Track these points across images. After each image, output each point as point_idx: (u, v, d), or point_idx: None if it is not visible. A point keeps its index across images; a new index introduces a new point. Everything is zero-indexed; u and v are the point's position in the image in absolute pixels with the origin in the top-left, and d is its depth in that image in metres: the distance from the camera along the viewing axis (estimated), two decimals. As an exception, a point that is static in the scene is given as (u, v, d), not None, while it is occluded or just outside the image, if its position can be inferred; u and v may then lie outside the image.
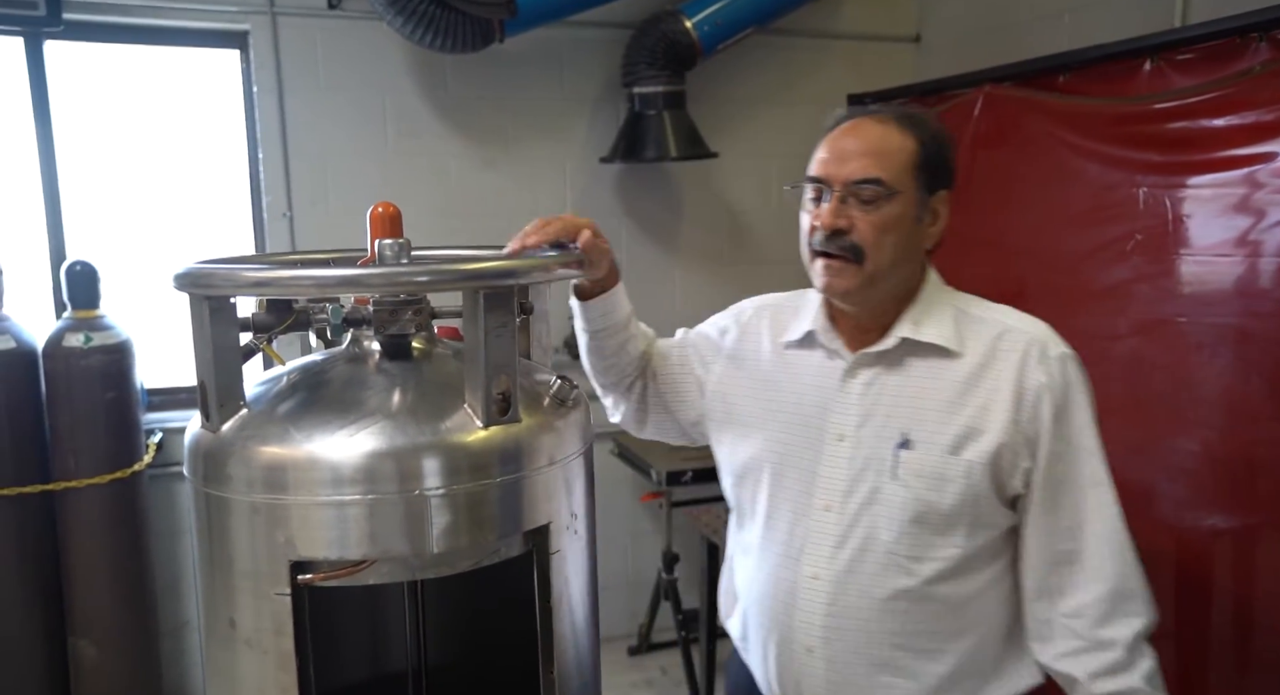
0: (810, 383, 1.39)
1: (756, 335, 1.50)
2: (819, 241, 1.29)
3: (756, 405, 1.45)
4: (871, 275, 1.28)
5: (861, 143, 1.29)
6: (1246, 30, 2.23)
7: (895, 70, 3.93)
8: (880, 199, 1.26)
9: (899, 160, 1.28)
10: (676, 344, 1.59)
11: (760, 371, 1.46)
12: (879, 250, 1.27)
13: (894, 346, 1.32)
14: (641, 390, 1.56)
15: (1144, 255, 2.48)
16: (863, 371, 1.34)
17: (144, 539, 3.13)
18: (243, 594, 1.08)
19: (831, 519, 1.32)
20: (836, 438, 1.34)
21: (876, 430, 1.31)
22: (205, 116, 3.40)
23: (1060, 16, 3.22)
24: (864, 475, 1.31)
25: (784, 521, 1.38)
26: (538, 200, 3.63)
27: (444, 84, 3.47)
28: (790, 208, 4.38)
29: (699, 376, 1.53)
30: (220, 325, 1.07)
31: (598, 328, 1.44)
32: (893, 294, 1.34)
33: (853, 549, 1.31)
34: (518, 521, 1.12)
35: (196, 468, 1.12)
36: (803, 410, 1.38)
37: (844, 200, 1.27)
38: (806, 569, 1.34)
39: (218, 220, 3.45)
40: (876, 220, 1.27)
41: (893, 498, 1.29)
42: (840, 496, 1.32)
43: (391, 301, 1.14)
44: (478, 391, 1.08)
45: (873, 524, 1.30)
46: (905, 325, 1.32)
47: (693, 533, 3.72)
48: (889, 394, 1.32)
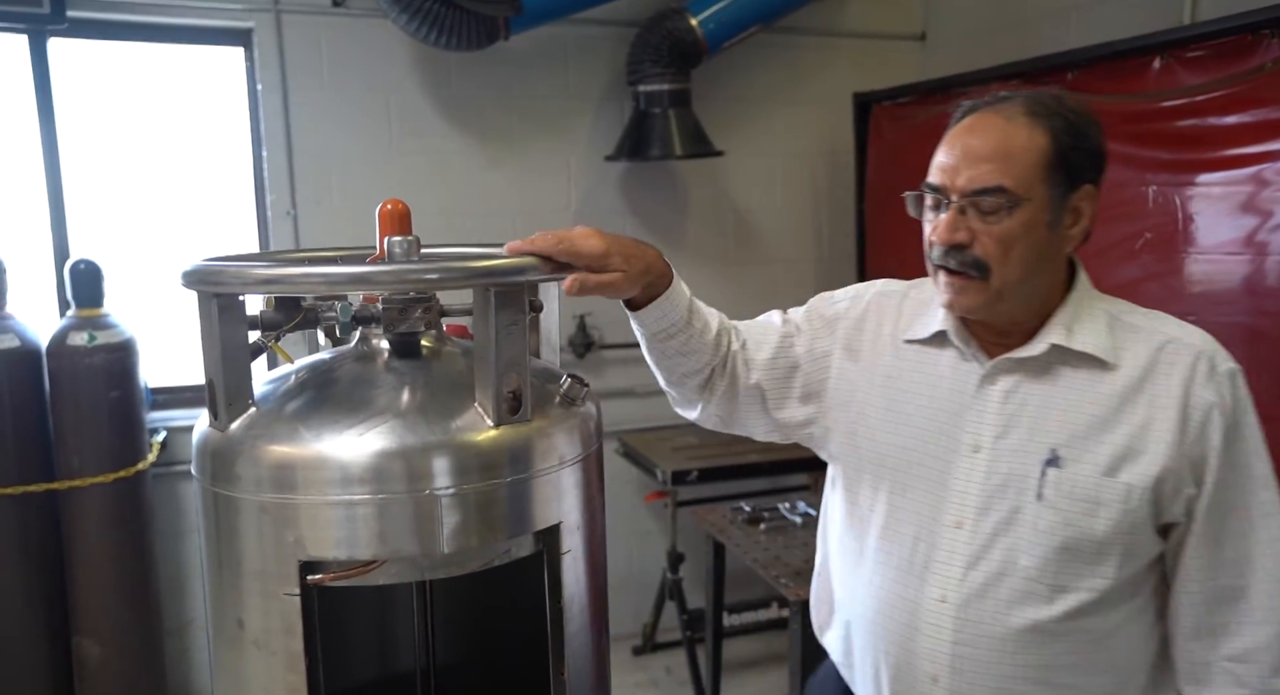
0: (941, 386, 1.27)
1: (876, 326, 1.36)
2: (937, 256, 1.19)
3: (877, 404, 1.32)
4: (999, 291, 1.17)
5: (982, 144, 1.16)
6: (1258, 27, 2.22)
7: (901, 68, 3.92)
8: (1003, 209, 1.14)
9: (1026, 162, 1.14)
10: (775, 334, 1.40)
11: (881, 367, 1.33)
12: (1005, 264, 1.16)
13: (1042, 353, 1.20)
14: (728, 386, 1.37)
15: (1153, 254, 2.47)
16: (1002, 378, 1.23)
17: (148, 538, 3.12)
18: (251, 594, 1.07)
19: (963, 537, 1.21)
20: (971, 448, 1.22)
21: (1019, 444, 1.20)
22: (209, 114, 3.40)
23: (1067, 14, 3.20)
24: (1003, 492, 1.20)
25: (906, 534, 1.27)
26: (541, 199, 3.62)
27: (448, 82, 3.46)
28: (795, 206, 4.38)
29: (806, 372, 1.37)
30: (229, 323, 1.06)
31: (654, 331, 1.29)
32: (1030, 301, 1.22)
33: (987, 572, 1.20)
34: (528, 521, 1.11)
35: (204, 467, 1.11)
36: (932, 415, 1.26)
37: (963, 211, 1.16)
38: (933, 589, 1.23)
39: (221, 218, 3.44)
40: (1000, 232, 1.15)
41: (1037, 520, 1.17)
42: (974, 513, 1.21)
43: (401, 299, 1.13)
44: (488, 390, 1.07)
45: (1012, 546, 1.19)
46: (1056, 331, 1.20)
47: (697, 532, 3.72)
48: (1034, 405, 1.20)
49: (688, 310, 1.29)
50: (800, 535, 2.55)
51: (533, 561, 1.16)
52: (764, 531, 2.57)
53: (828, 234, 4.00)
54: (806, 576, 2.24)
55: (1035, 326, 1.22)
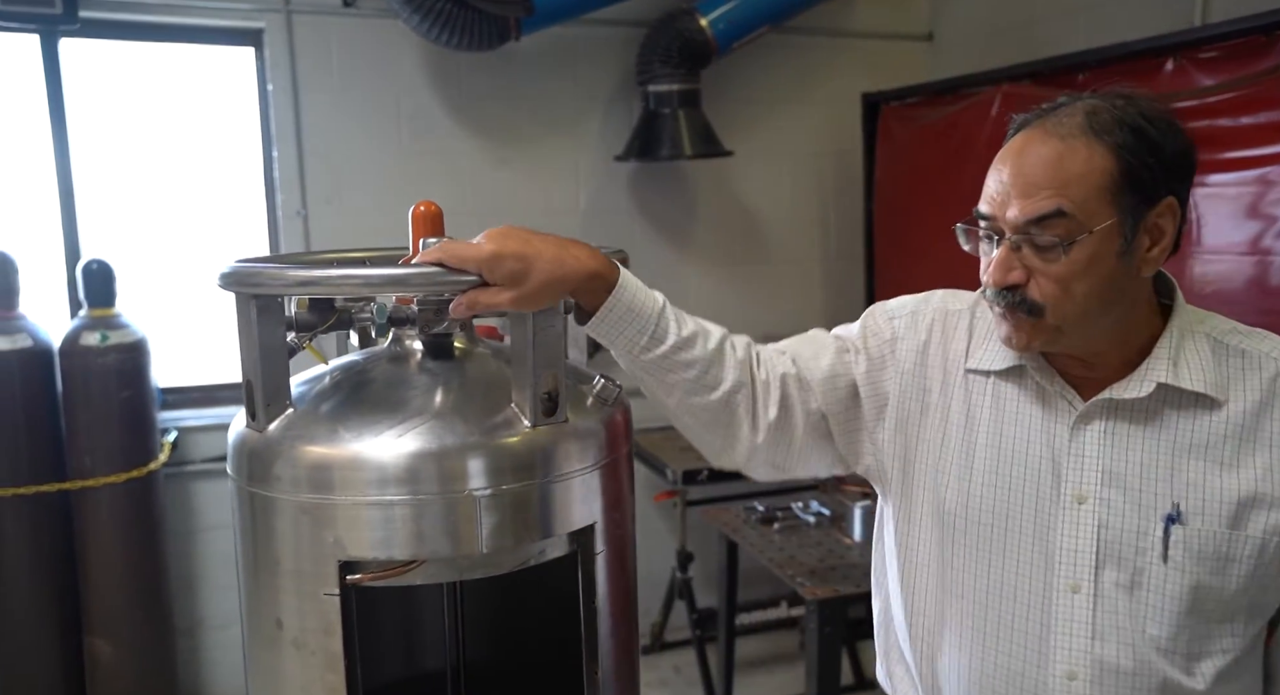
0: (1028, 425, 1.12)
1: (942, 350, 1.21)
2: (990, 296, 1.07)
3: (955, 446, 1.16)
4: (1058, 328, 1.04)
5: (1035, 168, 1.01)
6: (1272, 28, 2.22)
7: (908, 69, 3.94)
8: (1060, 246, 1.00)
9: (1087, 186, 0.99)
10: (829, 350, 1.23)
11: (954, 401, 1.18)
12: (1063, 303, 1.02)
13: (1148, 395, 1.06)
14: (779, 418, 1.19)
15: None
16: (1098, 419, 1.08)
17: (159, 538, 3.13)
18: (289, 594, 1.07)
19: (1082, 603, 1.07)
20: (1075, 500, 1.08)
21: (1130, 495, 1.06)
22: (219, 114, 3.40)
23: (1075, 14, 3.22)
24: (1121, 551, 1.06)
25: (1011, 599, 1.12)
26: (550, 199, 3.63)
27: (458, 82, 3.47)
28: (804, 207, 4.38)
29: (867, 397, 1.22)
30: (268, 324, 1.06)
31: (618, 348, 1.12)
32: (1107, 335, 1.08)
33: (1116, 643, 1.07)
34: (563, 522, 1.12)
35: (241, 467, 1.11)
36: (1024, 460, 1.12)
37: (1017, 247, 1.03)
38: (1059, 666, 1.08)
39: (231, 219, 3.45)
40: (1060, 271, 1.01)
41: (1165, 584, 1.05)
42: (1090, 573, 1.07)
43: (436, 300, 1.14)
44: (525, 391, 1.07)
45: (1136, 612, 1.06)
46: (1160, 366, 1.05)
47: (706, 532, 3.73)
48: (1139, 449, 1.06)
49: (655, 315, 1.10)
50: (814, 535, 2.56)
51: (562, 563, 1.17)
52: (778, 531, 2.58)
53: (836, 234, 4.01)
54: (822, 575, 2.25)
55: (1127, 357, 1.08)
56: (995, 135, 3.13)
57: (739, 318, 4.07)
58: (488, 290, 1.01)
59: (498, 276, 1.00)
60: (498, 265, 1.00)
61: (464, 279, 1.01)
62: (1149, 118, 1.02)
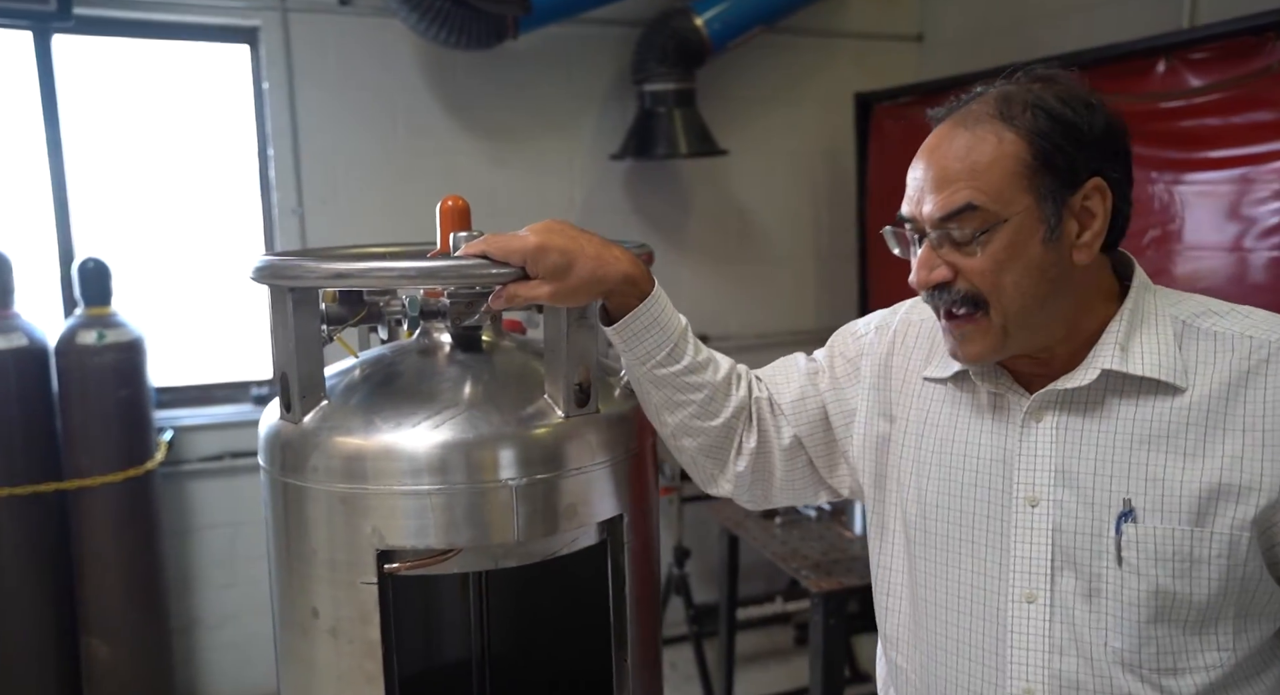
0: (979, 427, 1.08)
1: (904, 361, 1.18)
2: (925, 299, 1.05)
3: (910, 454, 1.14)
4: (1004, 328, 0.99)
5: (945, 162, 0.99)
6: (1261, 29, 2.27)
7: (899, 69, 3.98)
8: (976, 238, 0.97)
9: (999, 172, 0.96)
10: (799, 373, 1.24)
11: (913, 410, 1.15)
12: (999, 294, 0.98)
13: (1093, 382, 0.99)
14: (758, 447, 1.21)
15: (1160, 251, 2.52)
16: (1048, 414, 1.03)
17: (155, 537, 3.12)
18: (326, 583, 1.09)
19: (1038, 614, 1.01)
20: (1028, 502, 1.02)
21: (1082, 494, 0.99)
22: (214, 112, 3.39)
23: (1066, 16, 3.26)
24: (1075, 555, 0.99)
25: (967, 612, 1.06)
26: (546, 197, 3.64)
27: (454, 81, 3.47)
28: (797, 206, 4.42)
29: (834, 416, 1.22)
30: (303, 317, 1.08)
31: (632, 354, 1.13)
32: (1051, 328, 1.01)
33: (1075, 656, 0.99)
34: (595, 511, 1.14)
35: (275, 458, 1.12)
36: (974, 464, 1.07)
37: (938, 245, 1.00)
38: (1016, 682, 1.01)
39: (226, 217, 3.43)
40: (982, 265, 0.97)
41: (1121, 589, 0.97)
42: (1045, 581, 1.01)
43: (467, 294, 1.16)
44: (559, 382, 1.10)
45: (1097, 623, 0.98)
46: (1107, 352, 0.99)
47: (704, 527, 3.75)
48: (1092, 444, 1.00)
49: (677, 335, 1.14)
50: (815, 529, 2.59)
51: (589, 553, 1.19)
52: (779, 525, 2.61)
53: (829, 232, 4.05)
54: (826, 568, 2.28)
55: (1078, 344, 1.02)
56: (989, 134, 3.18)
57: (734, 316, 4.12)
58: (528, 283, 1.03)
59: (540, 270, 1.02)
60: (542, 258, 1.02)
61: (506, 271, 1.02)
62: (1064, 99, 0.98)
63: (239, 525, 3.37)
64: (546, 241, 1.02)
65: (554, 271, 1.03)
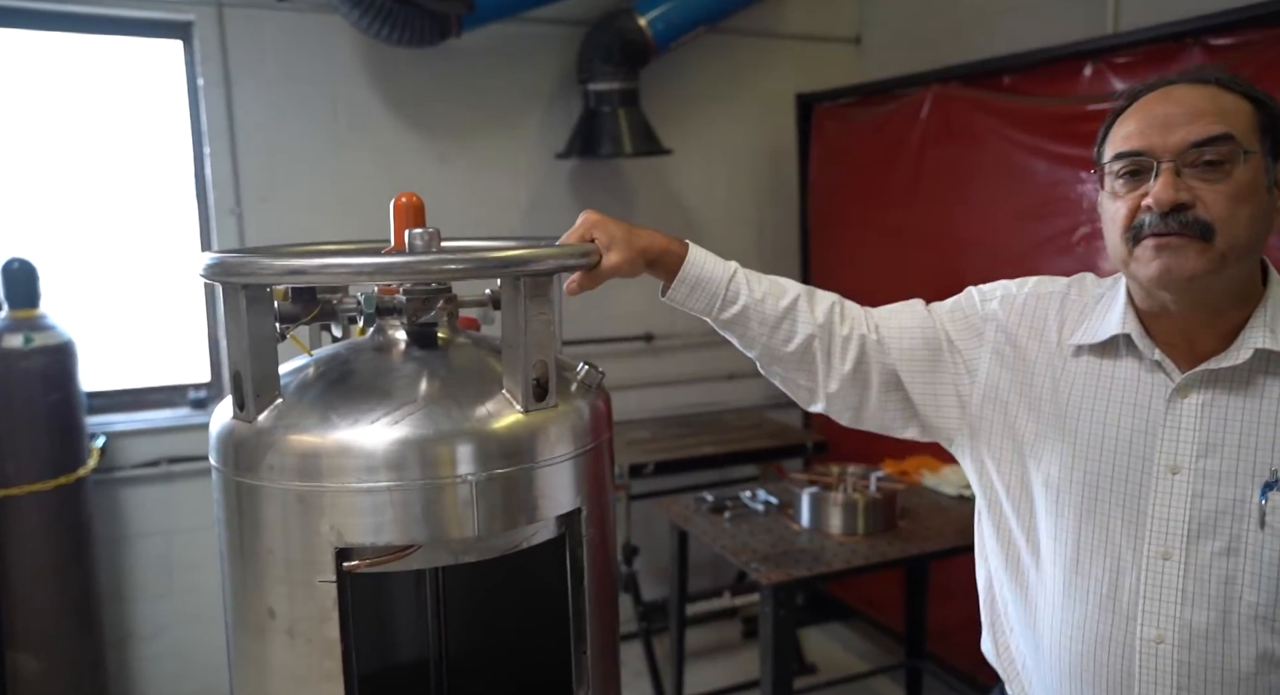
0: (1123, 399, 1.15)
1: (1033, 330, 1.24)
2: (1152, 221, 1.06)
3: (1042, 418, 1.21)
4: (1224, 255, 1.04)
5: (1188, 104, 1.06)
6: (1181, 35, 2.38)
7: (838, 70, 4.06)
8: (1229, 162, 1.03)
9: (1242, 117, 1.05)
10: (916, 316, 1.31)
11: (1046, 378, 1.22)
12: (1232, 225, 1.03)
13: (1245, 362, 1.08)
14: (855, 368, 1.29)
15: (1089, 248, 2.62)
16: (1196, 391, 1.11)
17: (88, 547, 3.02)
18: (283, 583, 1.07)
19: (1172, 569, 1.10)
20: (1169, 469, 1.11)
21: (1228, 465, 1.08)
22: (147, 109, 3.29)
23: (995, 19, 3.37)
24: (1218, 519, 1.09)
25: (1102, 568, 1.15)
26: (492, 195, 3.62)
27: (397, 78, 3.44)
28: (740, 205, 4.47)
29: (953, 371, 1.28)
30: (257, 314, 1.06)
31: (694, 309, 1.28)
32: (1232, 288, 1.09)
33: (1207, 608, 1.09)
34: (554, 505, 1.14)
35: (228, 457, 1.10)
36: (1115, 432, 1.15)
37: (1178, 173, 1.05)
38: (1146, 630, 1.11)
39: (159, 217, 3.34)
40: (1228, 189, 1.03)
41: (1262, 550, 1.06)
42: (1183, 542, 1.10)
43: (424, 290, 1.15)
44: (517, 376, 1.10)
45: (1231, 579, 1.08)
46: (1258, 333, 1.08)
47: (651, 525, 3.77)
48: (1238, 419, 1.09)
49: (724, 284, 1.27)
50: (763, 522, 2.63)
51: (546, 548, 1.19)
52: (728, 520, 2.64)
53: (772, 230, 4.11)
54: (775, 560, 2.32)
55: (1227, 328, 1.10)
56: (926, 134, 3.28)
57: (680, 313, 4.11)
58: (591, 273, 1.19)
59: (603, 238, 1.19)
60: (602, 228, 1.20)
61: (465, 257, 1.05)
62: (1266, 93, 1.11)
63: (175, 532, 3.29)
64: (597, 218, 1.20)
65: (614, 240, 1.19)
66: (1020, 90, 2.88)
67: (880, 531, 2.50)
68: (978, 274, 3.02)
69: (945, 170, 3.15)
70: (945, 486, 2.83)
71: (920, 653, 3.12)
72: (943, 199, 3.17)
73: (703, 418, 3.94)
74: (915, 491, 2.84)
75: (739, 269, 1.30)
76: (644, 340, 3.91)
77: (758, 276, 1.31)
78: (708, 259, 1.28)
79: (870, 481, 2.63)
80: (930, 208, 3.23)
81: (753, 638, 3.84)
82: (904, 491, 2.70)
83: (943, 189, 3.17)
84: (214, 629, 3.26)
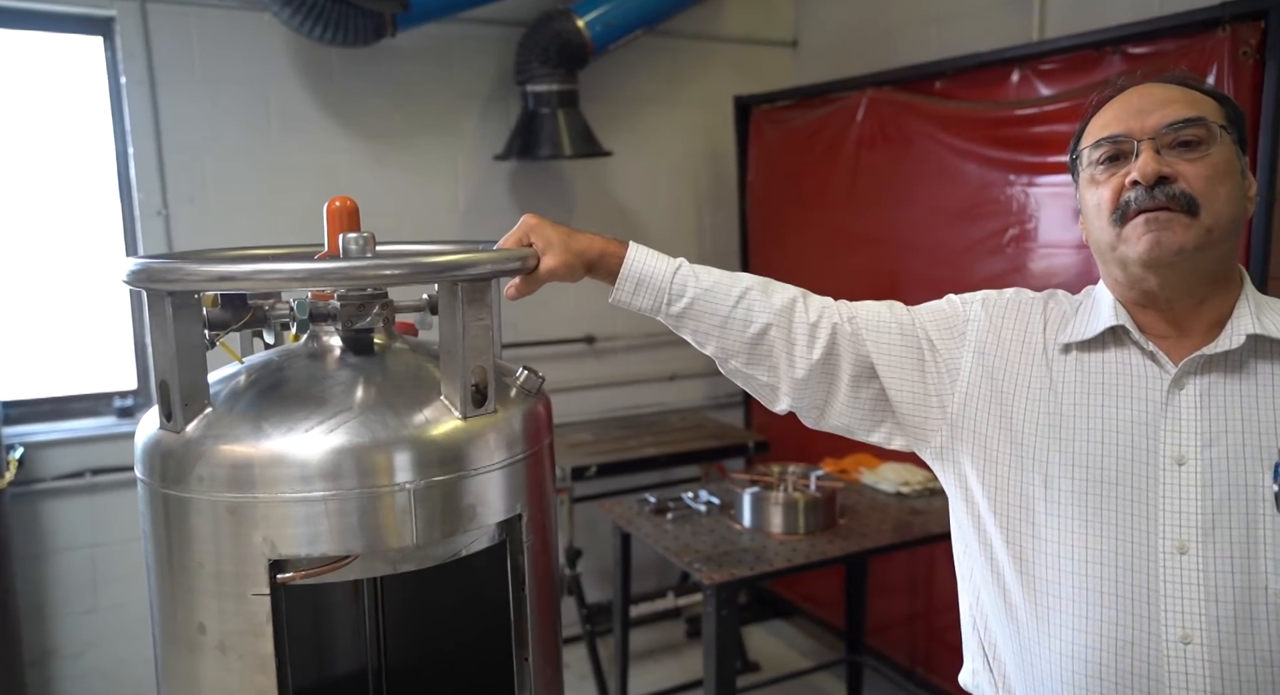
0: (1119, 394, 1.13)
1: (1017, 332, 1.23)
2: (1138, 197, 1.07)
3: (1038, 420, 1.17)
4: (1209, 230, 1.06)
5: (1161, 95, 1.10)
6: (1102, 44, 2.46)
7: (775, 73, 4.10)
8: (1205, 142, 1.07)
9: (1211, 107, 1.10)
10: (890, 313, 1.29)
11: (1034, 378, 1.19)
12: (1215, 200, 1.06)
13: (1239, 347, 1.08)
14: (824, 359, 1.26)
15: (1018, 249, 2.69)
16: (1191, 380, 1.10)
17: (5, 563, 2.90)
18: (213, 597, 1.04)
19: (1191, 564, 1.06)
20: (1175, 461, 1.08)
21: (1234, 452, 1.07)
22: (65, 107, 3.17)
23: (927, 26, 3.44)
24: (1230, 507, 1.06)
25: (1115, 567, 1.09)
26: (429, 197, 3.58)
27: (330, 78, 3.37)
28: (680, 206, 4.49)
29: (932, 373, 1.25)
30: (184, 322, 1.03)
31: (639, 307, 1.27)
32: (1215, 271, 1.11)
33: (1233, 603, 1.04)
34: (494, 511, 1.13)
35: (155, 469, 1.07)
36: (1115, 427, 1.12)
37: (1158, 152, 1.07)
38: (1171, 631, 1.06)
39: (80, 219, 3.22)
40: (1206, 168, 1.06)
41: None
42: (1199, 534, 1.06)
43: (359, 295, 1.13)
44: (455, 383, 1.09)
45: (1253, 568, 1.04)
46: (1245, 319, 1.09)
47: (594, 528, 3.76)
48: (1238, 405, 1.08)
49: (668, 280, 1.25)
50: (706, 522, 2.64)
51: (486, 555, 1.18)
52: (671, 521, 2.64)
53: (711, 232, 4.13)
54: (717, 561, 2.33)
55: (1213, 317, 1.11)
56: (862, 137, 3.33)
57: (621, 316, 4.14)
58: (529, 276, 1.19)
59: (540, 241, 1.19)
60: (539, 231, 1.20)
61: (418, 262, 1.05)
62: None
63: (100, 546, 3.17)
64: (535, 222, 1.20)
65: (550, 244, 1.19)
66: (952, 95, 2.94)
67: (821, 530, 2.53)
68: (914, 274, 3.12)
69: (881, 172, 3.20)
70: (883, 484, 2.88)
71: (860, 648, 3.17)
72: (879, 200, 3.23)
73: (644, 419, 3.95)
74: (854, 489, 2.88)
75: (685, 263, 1.29)
76: (585, 342, 3.90)
77: (707, 269, 1.29)
78: (649, 256, 1.27)
79: (810, 480, 2.66)
80: (867, 209, 3.29)
81: (696, 638, 3.86)
82: (843, 490, 2.74)
83: (879, 190, 3.23)
84: (141, 646, 3.16)
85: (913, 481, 2.83)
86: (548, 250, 1.19)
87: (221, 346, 1.16)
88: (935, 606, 3.15)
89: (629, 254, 1.26)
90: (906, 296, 1.35)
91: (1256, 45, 2.13)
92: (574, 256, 1.21)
